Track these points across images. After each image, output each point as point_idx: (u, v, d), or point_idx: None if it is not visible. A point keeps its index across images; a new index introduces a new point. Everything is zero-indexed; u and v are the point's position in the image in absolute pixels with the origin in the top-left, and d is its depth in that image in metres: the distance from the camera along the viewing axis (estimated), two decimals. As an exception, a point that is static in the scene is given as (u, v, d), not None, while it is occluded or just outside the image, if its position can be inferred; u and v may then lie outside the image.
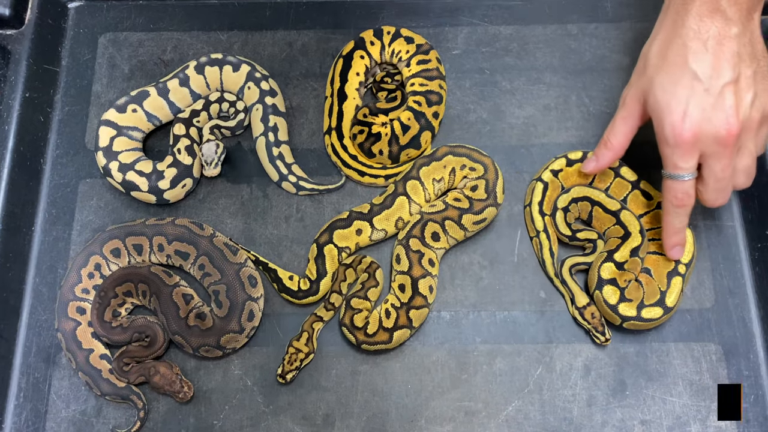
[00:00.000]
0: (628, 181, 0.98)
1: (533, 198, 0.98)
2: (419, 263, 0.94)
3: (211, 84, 1.06)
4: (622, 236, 0.94)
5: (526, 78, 1.09)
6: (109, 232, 0.97)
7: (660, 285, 0.93)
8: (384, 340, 0.92)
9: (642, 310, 0.91)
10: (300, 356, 0.92)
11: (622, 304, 0.92)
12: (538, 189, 0.99)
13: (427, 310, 0.94)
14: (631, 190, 0.98)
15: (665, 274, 0.94)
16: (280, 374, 0.91)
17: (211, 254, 0.95)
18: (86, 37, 1.13)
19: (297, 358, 0.91)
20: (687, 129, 0.79)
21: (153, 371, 0.91)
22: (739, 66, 0.79)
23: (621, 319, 0.92)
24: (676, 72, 0.80)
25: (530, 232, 0.99)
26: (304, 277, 0.97)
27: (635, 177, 0.98)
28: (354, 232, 0.98)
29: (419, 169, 0.99)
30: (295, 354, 0.92)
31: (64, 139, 1.07)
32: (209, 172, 0.99)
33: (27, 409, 0.93)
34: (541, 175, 0.99)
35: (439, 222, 0.96)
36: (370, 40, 1.07)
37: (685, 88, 0.80)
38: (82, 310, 0.95)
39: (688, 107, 0.79)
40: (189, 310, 0.93)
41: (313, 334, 0.94)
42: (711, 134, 0.79)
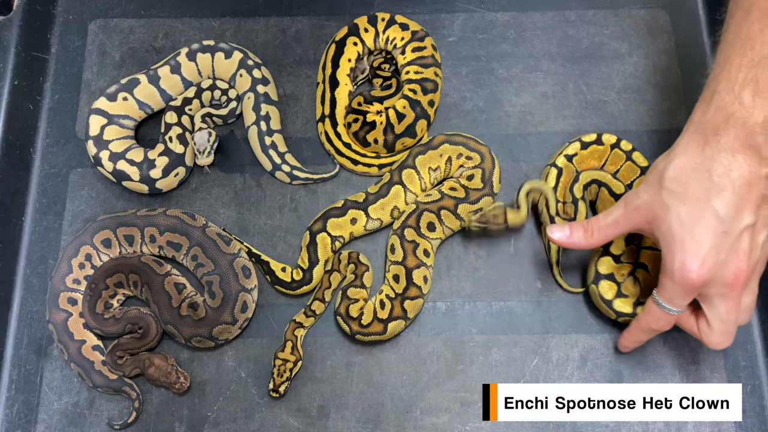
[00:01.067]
0: (638, 166, 0.97)
1: (548, 183, 0.97)
2: (414, 253, 0.93)
3: (203, 71, 1.04)
4: None
5: (523, 65, 1.07)
6: (100, 222, 0.96)
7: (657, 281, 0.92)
8: (378, 331, 0.91)
9: (638, 308, 0.90)
10: (288, 366, 0.90)
11: (618, 300, 0.91)
12: (552, 175, 0.97)
13: (422, 300, 0.93)
14: (639, 175, 0.97)
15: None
16: (273, 389, 0.90)
17: (204, 245, 0.94)
18: (76, 23, 1.11)
19: (286, 368, 0.90)
20: (698, 274, 0.73)
21: (148, 363, 0.90)
22: (760, 208, 0.73)
23: (616, 315, 0.91)
24: (698, 208, 0.73)
25: (543, 219, 0.97)
26: (296, 267, 0.96)
27: (646, 163, 0.97)
28: (348, 221, 0.97)
29: (415, 157, 0.98)
30: (283, 365, 0.90)
31: (54, 127, 1.05)
32: (202, 160, 0.98)
33: (19, 401, 0.93)
34: (555, 160, 0.98)
35: (435, 212, 0.95)
36: (364, 27, 1.06)
37: (705, 228, 0.73)
38: (74, 301, 0.94)
39: (704, 250, 0.73)
40: (182, 300, 0.92)
41: (297, 342, 0.92)
42: (721, 278, 0.74)
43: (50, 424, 0.92)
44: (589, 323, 0.94)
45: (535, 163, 1.02)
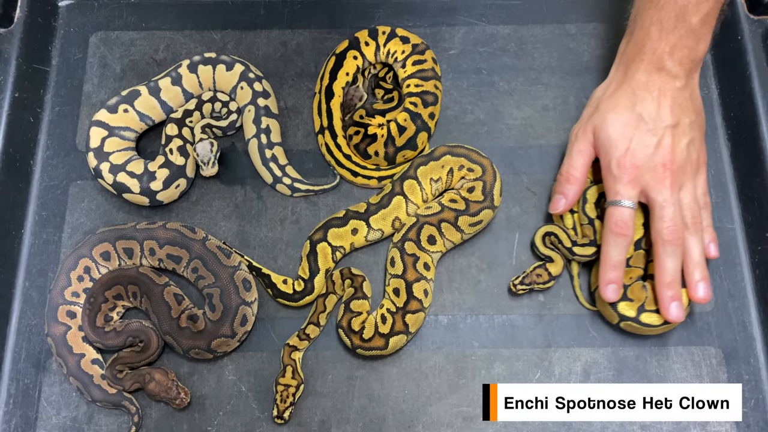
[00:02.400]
0: None
1: None
2: (414, 267, 0.93)
3: (204, 83, 1.04)
4: None
5: (524, 78, 1.07)
6: (99, 235, 0.95)
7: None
8: (380, 346, 0.91)
9: (641, 314, 0.90)
10: (291, 391, 0.89)
11: (623, 302, 0.91)
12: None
13: (423, 314, 0.93)
14: None
15: None
16: (277, 415, 0.89)
17: (204, 258, 0.93)
18: (77, 35, 1.11)
19: (288, 393, 0.89)
20: (629, 161, 0.89)
21: (148, 378, 0.89)
22: (678, 114, 0.90)
23: (619, 318, 0.91)
24: (625, 114, 0.91)
25: (563, 252, 0.97)
26: (297, 278, 0.95)
27: None
28: (349, 232, 0.96)
29: (417, 168, 0.98)
30: (285, 390, 0.89)
31: (54, 140, 1.05)
32: (208, 171, 0.98)
33: (17, 416, 0.92)
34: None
35: (435, 224, 0.94)
36: (365, 41, 1.06)
37: (632, 127, 0.90)
38: (73, 314, 0.93)
39: (632, 143, 0.89)
40: (181, 311, 0.92)
41: (297, 365, 0.91)
42: (650, 167, 0.89)
43: (48, 439, 0.91)
44: (591, 337, 0.94)
45: (536, 176, 1.02)
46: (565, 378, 0.92)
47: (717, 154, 1.03)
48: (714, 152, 1.03)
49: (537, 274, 0.94)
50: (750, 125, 1.02)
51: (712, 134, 1.04)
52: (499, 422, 0.90)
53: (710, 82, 1.07)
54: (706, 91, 1.06)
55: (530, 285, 0.94)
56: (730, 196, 1.01)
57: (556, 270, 0.95)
